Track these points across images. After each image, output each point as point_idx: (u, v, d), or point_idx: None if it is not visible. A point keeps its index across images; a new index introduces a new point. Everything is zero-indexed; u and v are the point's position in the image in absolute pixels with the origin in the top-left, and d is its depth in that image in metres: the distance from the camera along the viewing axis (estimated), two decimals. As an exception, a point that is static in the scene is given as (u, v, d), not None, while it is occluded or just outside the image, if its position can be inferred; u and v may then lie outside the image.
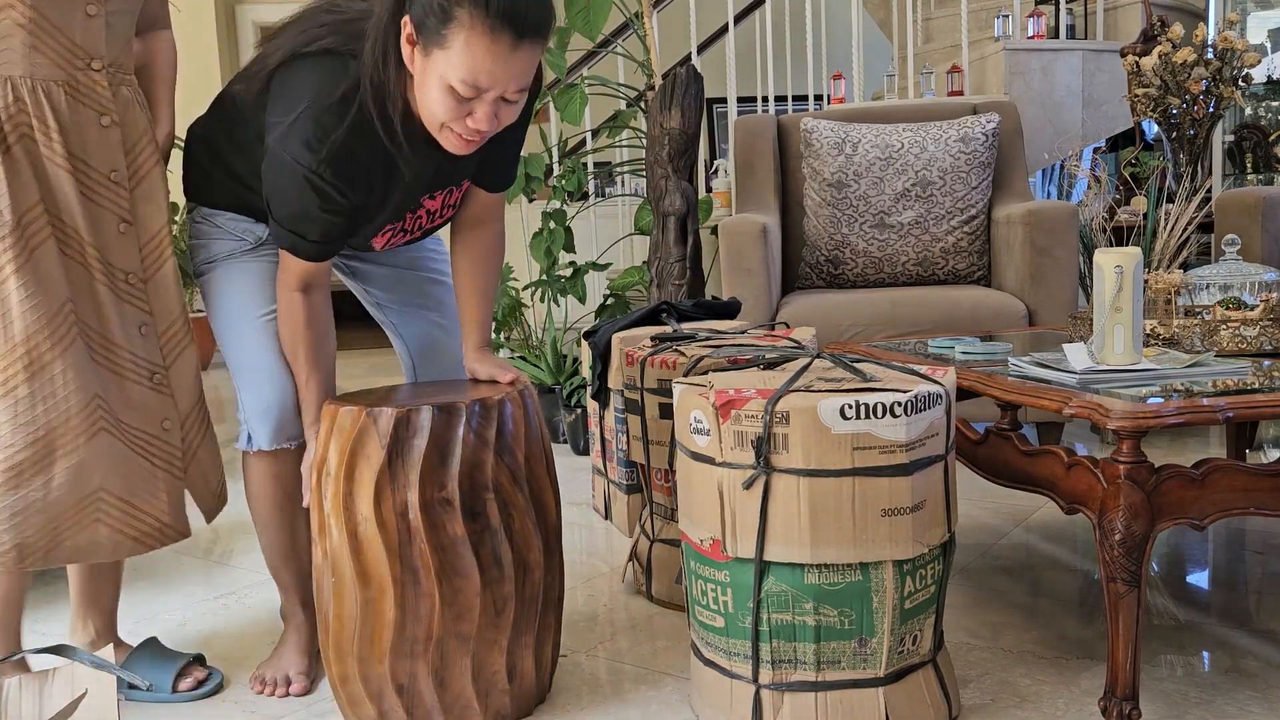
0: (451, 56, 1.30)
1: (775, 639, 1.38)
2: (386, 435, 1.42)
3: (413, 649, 1.45)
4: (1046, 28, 4.19)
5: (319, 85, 1.41)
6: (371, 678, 1.47)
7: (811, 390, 1.36)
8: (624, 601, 2.03)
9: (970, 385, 1.65)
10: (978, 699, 1.54)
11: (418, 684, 1.46)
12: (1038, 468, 1.56)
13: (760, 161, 3.31)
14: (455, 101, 1.34)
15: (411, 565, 1.43)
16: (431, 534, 1.42)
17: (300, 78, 1.43)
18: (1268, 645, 1.68)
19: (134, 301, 1.55)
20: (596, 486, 2.29)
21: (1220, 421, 1.32)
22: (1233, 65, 3.27)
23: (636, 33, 3.82)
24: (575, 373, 3.45)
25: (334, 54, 1.42)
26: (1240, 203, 2.99)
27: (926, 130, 3.09)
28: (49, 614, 2.09)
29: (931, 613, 1.42)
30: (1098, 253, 1.54)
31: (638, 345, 1.99)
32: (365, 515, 1.42)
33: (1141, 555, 1.34)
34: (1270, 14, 4.69)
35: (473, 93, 1.32)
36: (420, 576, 1.43)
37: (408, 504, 1.42)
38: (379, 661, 1.45)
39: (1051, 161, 4.10)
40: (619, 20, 3.95)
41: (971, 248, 3.06)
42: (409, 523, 1.42)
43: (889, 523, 1.33)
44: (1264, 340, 1.76)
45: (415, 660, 1.45)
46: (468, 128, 1.37)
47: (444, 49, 1.30)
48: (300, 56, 1.44)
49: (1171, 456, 2.94)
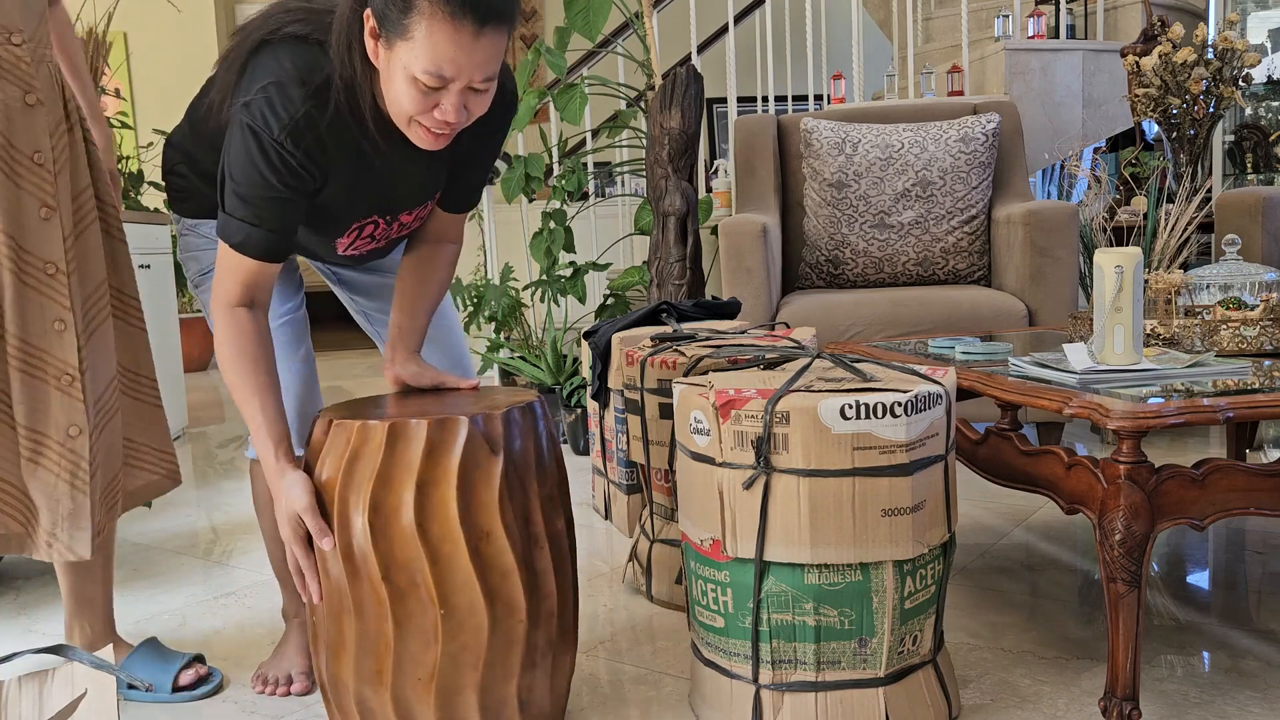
0: (414, 47, 1.27)
1: (775, 639, 1.38)
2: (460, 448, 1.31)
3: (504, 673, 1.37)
4: (1047, 27, 4.19)
5: (290, 64, 1.37)
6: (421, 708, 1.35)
7: (812, 390, 1.35)
8: (624, 601, 2.03)
9: (970, 385, 1.65)
10: (978, 699, 1.54)
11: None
12: (1038, 468, 1.56)
13: (760, 161, 3.31)
14: (420, 93, 1.31)
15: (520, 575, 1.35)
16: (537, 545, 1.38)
17: (270, 59, 1.39)
18: (1268, 645, 1.68)
19: (51, 294, 1.47)
20: (596, 486, 2.29)
21: (1220, 421, 1.32)
22: (1233, 65, 3.27)
23: (636, 32, 3.82)
24: (575, 373, 3.45)
25: (303, 40, 1.40)
26: (1240, 203, 2.99)
27: (927, 130, 3.09)
28: (49, 614, 2.09)
29: (932, 613, 1.42)
30: (1098, 253, 1.54)
31: (638, 345, 1.99)
32: (489, 529, 1.33)
33: (1142, 555, 1.34)
34: (1270, 14, 4.69)
35: (438, 83, 1.29)
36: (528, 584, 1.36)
37: (527, 515, 1.36)
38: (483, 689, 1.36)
39: (1052, 161, 4.10)
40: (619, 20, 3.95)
41: (972, 248, 3.06)
42: (530, 532, 1.36)
43: (889, 523, 1.33)
44: (1264, 340, 1.76)
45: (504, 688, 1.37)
46: (436, 120, 1.34)
47: (406, 40, 1.28)
48: (269, 43, 1.40)
49: (1171, 456, 2.94)
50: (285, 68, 1.37)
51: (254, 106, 1.35)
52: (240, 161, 1.36)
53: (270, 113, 1.35)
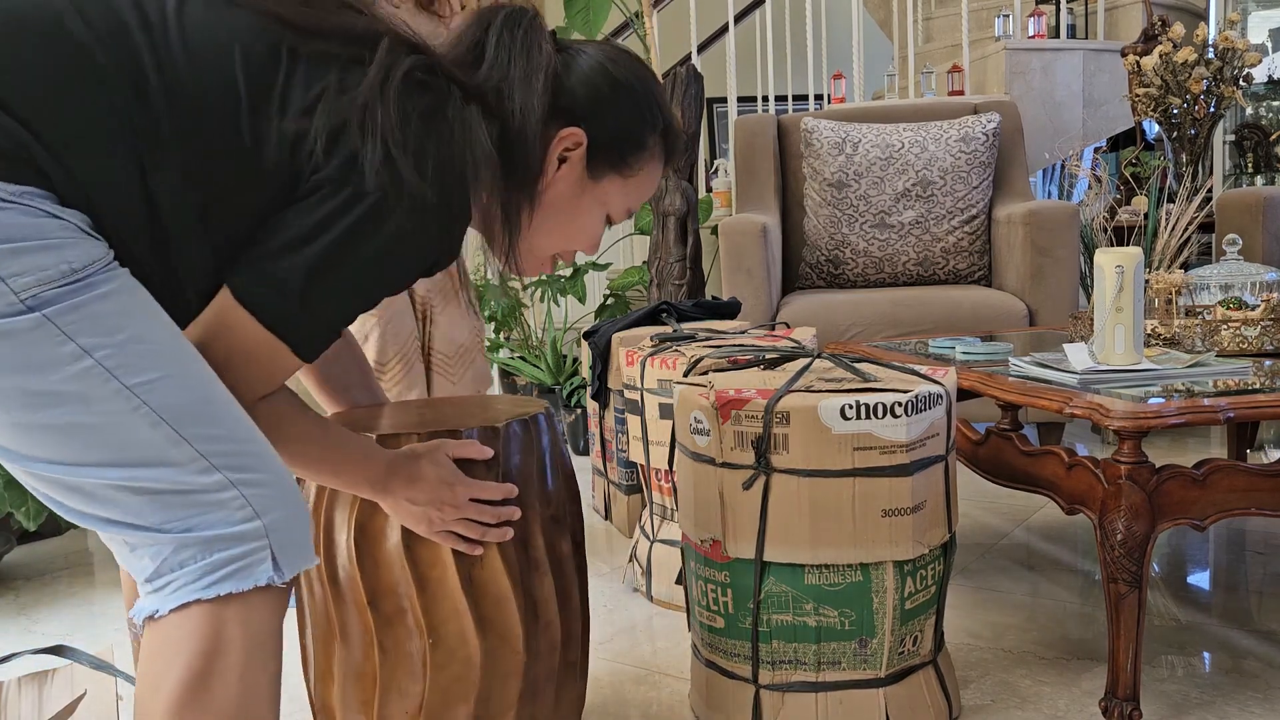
0: (632, 185, 1.14)
1: (775, 639, 1.38)
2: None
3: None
4: (1047, 27, 4.19)
5: (454, 139, 0.97)
6: None
7: (812, 390, 1.35)
8: (624, 602, 2.02)
9: (971, 385, 1.65)
10: (978, 700, 1.54)
11: None
12: (1038, 468, 1.56)
13: (760, 161, 3.31)
14: (602, 228, 1.16)
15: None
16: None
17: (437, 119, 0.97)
18: (1269, 646, 1.68)
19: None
20: (596, 487, 2.29)
21: (1221, 422, 1.31)
22: (1233, 65, 3.27)
23: (636, 32, 3.82)
24: (575, 373, 3.45)
25: (433, 92, 0.98)
26: (1241, 203, 2.98)
27: (927, 130, 3.09)
28: (49, 614, 2.09)
29: (932, 613, 1.42)
30: (1098, 253, 1.54)
31: (638, 345, 1.99)
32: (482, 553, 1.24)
33: (1142, 556, 1.34)
34: (1271, 14, 4.69)
35: (624, 219, 1.19)
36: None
37: (526, 537, 1.26)
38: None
39: (1052, 161, 4.10)
40: (619, 20, 3.95)
41: (972, 248, 3.06)
42: (530, 556, 1.27)
43: (889, 523, 1.33)
44: (1265, 340, 1.76)
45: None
46: (569, 252, 1.18)
47: (626, 177, 1.13)
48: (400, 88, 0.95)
49: (1172, 457, 2.94)
50: (451, 140, 0.99)
51: (431, 182, 0.94)
52: (392, 240, 0.95)
53: (449, 193, 0.97)
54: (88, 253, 0.84)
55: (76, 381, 0.83)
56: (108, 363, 0.84)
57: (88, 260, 0.84)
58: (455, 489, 1.16)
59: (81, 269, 0.83)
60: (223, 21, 0.93)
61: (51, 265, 0.82)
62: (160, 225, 0.91)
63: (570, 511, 1.33)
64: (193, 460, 0.87)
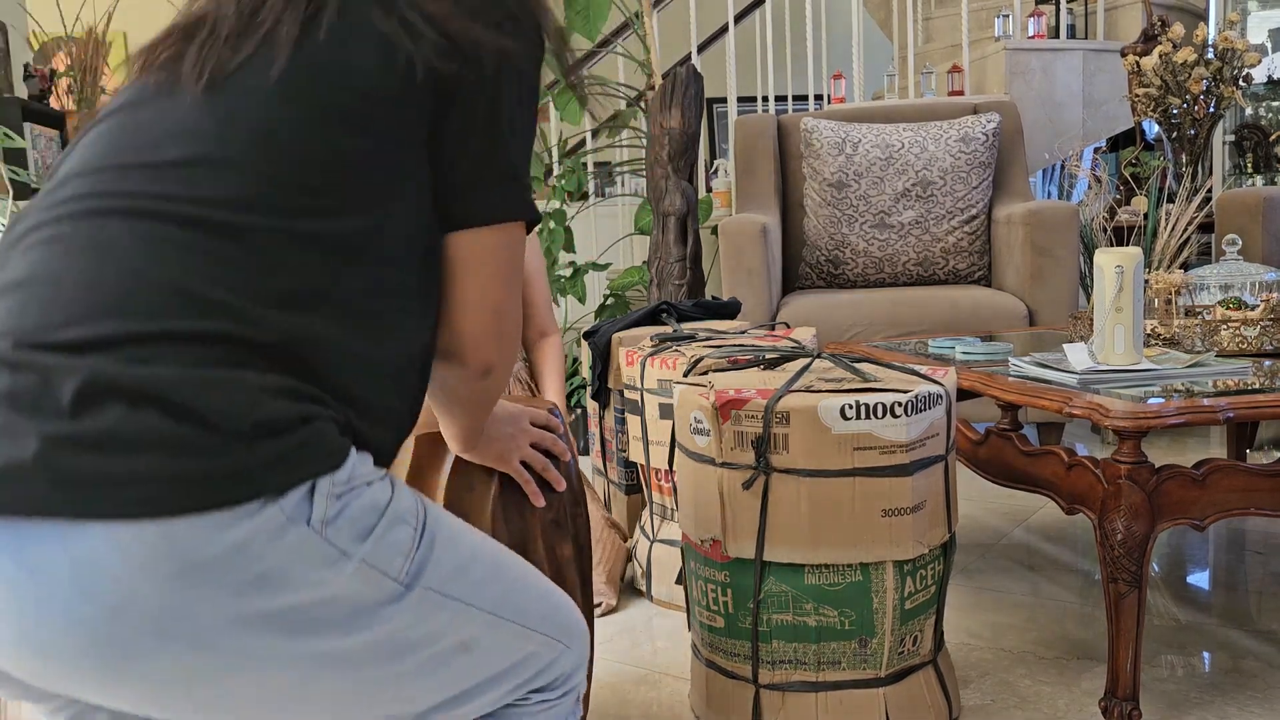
0: None
1: (775, 639, 1.38)
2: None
3: None
4: (1047, 27, 4.19)
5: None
6: None
7: (812, 390, 1.35)
8: (624, 601, 2.03)
9: (971, 385, 1.65)
10: (978, 700, 1.54)
11: None
12: (1038, 468, 1.56)
13: (760, 161, 3.31)
14: None
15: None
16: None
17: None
18: (1268, 646, 1.68)
19: None
20: (596, 486, 2.29)
21: (1221, 422, 1.31)
22: (1233, 65, 3.27)
23: (636, 32, 3.82)
24: (575, 373, 3.45)
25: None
26: (1241, 203, 2.99)
27: (927, 130, 3.09)
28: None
29: (932, 613, 1.42)
30: (1098, 253, 1.54)
31: (638, 345, 1.99)
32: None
33: (1142, 555, 1.34)
34: (1271, 14, 4.69)
35: None
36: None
37: (525, 542, 1.23)
38: None
39: (1052, 161, 4.10)
40: (619, 20, 3.95)
41: (972, 248, 3.06)
42: (529, 560, 1.27)
43: (889, 523, 1.33)
44: (1265, 340, 1.76)
45: None
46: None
47: None
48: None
49: (1172, 456, 2.94)
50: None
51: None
52: (530, 104, 0.92)
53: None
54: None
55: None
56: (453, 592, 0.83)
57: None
58: (523, 424, 1.16)
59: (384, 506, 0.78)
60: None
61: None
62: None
63: (571, 516, 1.29)
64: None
